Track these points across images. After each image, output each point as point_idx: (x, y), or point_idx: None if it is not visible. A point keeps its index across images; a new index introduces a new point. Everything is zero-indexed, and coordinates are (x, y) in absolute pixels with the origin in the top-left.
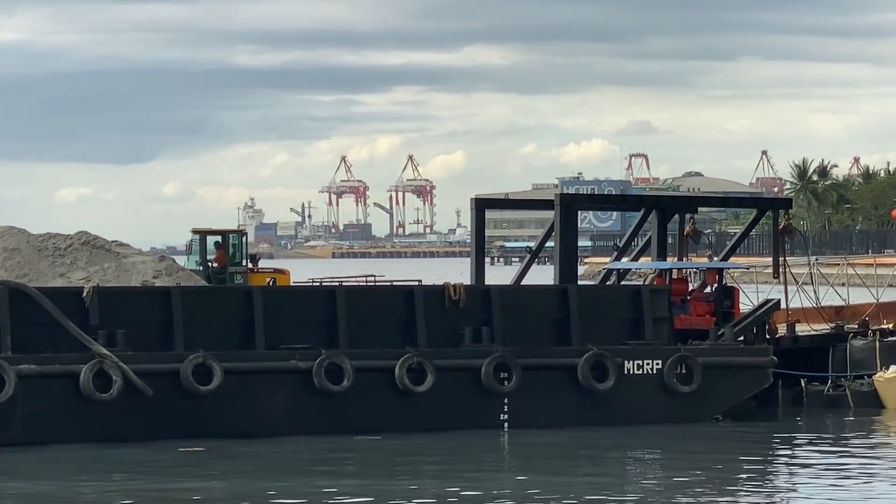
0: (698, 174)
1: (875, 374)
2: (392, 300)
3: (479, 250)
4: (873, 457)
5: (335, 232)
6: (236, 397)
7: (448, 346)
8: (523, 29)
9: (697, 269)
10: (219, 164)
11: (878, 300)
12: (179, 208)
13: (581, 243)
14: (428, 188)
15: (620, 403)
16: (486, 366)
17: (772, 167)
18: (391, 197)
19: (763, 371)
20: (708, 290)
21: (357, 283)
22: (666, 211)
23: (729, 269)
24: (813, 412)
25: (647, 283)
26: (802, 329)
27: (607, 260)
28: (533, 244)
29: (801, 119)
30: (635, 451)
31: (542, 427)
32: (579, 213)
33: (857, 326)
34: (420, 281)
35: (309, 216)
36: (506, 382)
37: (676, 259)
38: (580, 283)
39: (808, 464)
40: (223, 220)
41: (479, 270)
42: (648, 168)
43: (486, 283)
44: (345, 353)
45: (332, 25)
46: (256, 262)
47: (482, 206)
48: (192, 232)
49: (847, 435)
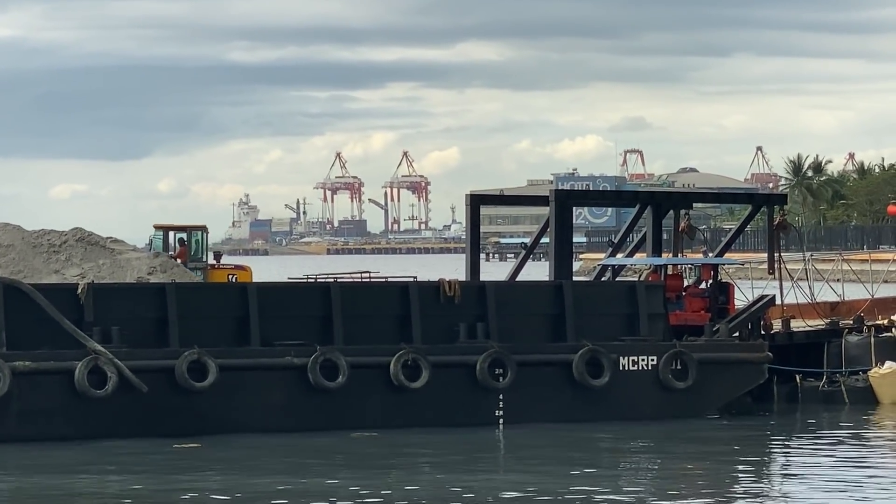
0: (693, 170)
1: (870, 369)
2: (387, 296)
3: (474, 246)
4: (868, 452)
5: (330, 228)
6: (231, 394)
7: (443, 343)
8: (517, 25)
9: (692, 265)
10: (213, 161)
11: (873, 296)
12: (174, 205)
13: (576, 239)
14: (423, 184)
15: (615, 399)
16: (481, 362)
17: (766, 163)
18: (386, 193)
19: (758, 367)
20: (703, 286)
21: (352, 280)
22: (661, 207)
23: (724, 264)
24: (808, 408)
25: (642, 279)
26: (797, 325)
27: (602, 256)
28: (528, 240)
29: (795, 115)
30: (630, 447)
31: (537, 423)
32: (574, 209)
33: (852, 322)
34: (415, 277)
35: (304, 212)
36: (501, 378)
37: (671, 255)
38: (575, 279)
39: (804, 460)
40: (218, 216)
41: (474, 266)
42: (643, 164)
43: (481, 279)
44: (340, 350)
45: (327, 21)
46: (218, 258)
47: (477, 202)
48: (154, 228)
49: (842, 431)
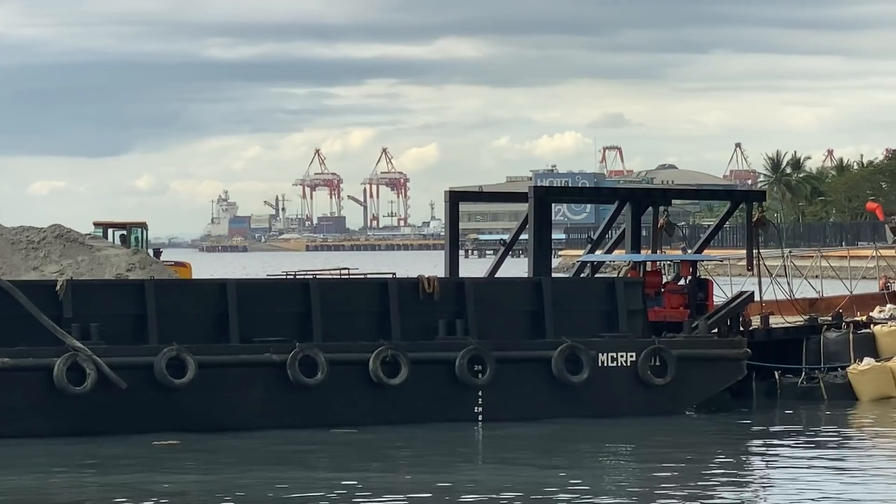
0: (672, 167)
1: (849, 366)
2: (366, 293)
3: (453, 243)
4: (847, 449)
5: (309, 225)
6: (210, 390)
7: (422, 339)
8: (496, 21)
9: (671, 261)
10: (192, 157)
11: (851, 292)
12: (153, 201)
13: (555, 236)
14: (402, 181)
15: (594, 396)
16: (460, 358)
17: (745, 160)
18: (365, 190)
19: (737, 363)
20: (682, 282)
21: (331, 276)
22: (640, 203)
23: (703, 261)
24: (787, 404)
25: (621, 275)
26: (776, 321)
27: (581, 252)
28: (507, 237)
29: (774, 111)
30: (609, 444)
31: (516, 420)
32: (553, 205)
33: (830, 319)
34: (394, 274)
35: (282, 209)
36: (480, 375)
37: (650, 251)
38: (554, 275)
39: (782, 456)
40: (198, 213)
41: (453, 263)
42: (622, 161)
43: (460, 275)
44: (319, 346)
45: (305, 18)
46: (158, 255)
47: (456, 198)
48: (93, 225)
49: (821, 427)
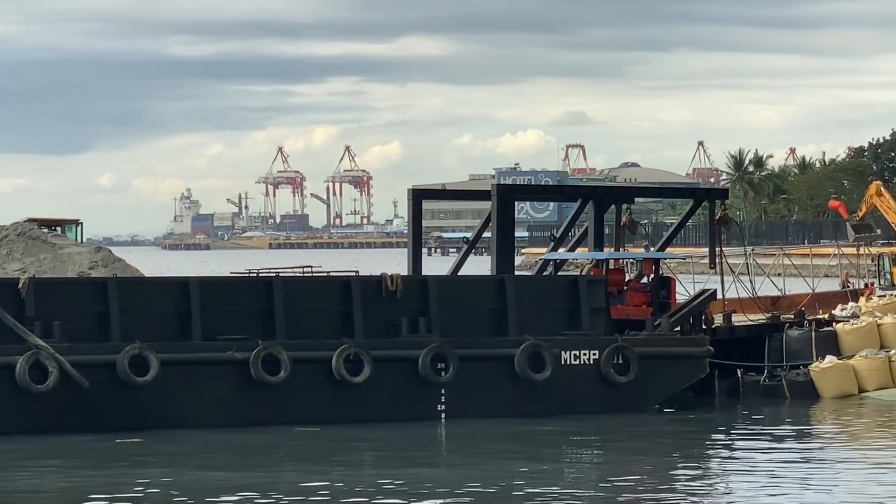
0: (635, 165)
1: (811, 364)
2: (329, 291)
3: (417, 241)
4: (809, 447)
5: (272, 223)
6: (173, 388)
7: (385, 337)
8: (459, 19)
9: (634, 259)
10: (154, 155)
11: (813, 290)
12: (116, 199)
13: (518, 234)
14: (365, 179)
15: (557, 394)
16: (424, 356)
17: (708, 158)
18: (328, 188)
19: (700, 361)
20: (644, 280)
21: (294, 274)
22: (602, 201)
23: (665, 259)
24: (749, 402)
25: (583, 273)
26: (739, 319)
27: (544, 250)
28: (470, 235)
29: (736, 110)
30: (572, 442)
31: (479, 417)
32: (516, 203)
33: (793, 317)
34: (357, 272)
35: (246, 207)
36: (443, 373)
37: (613, 249)
38: (517, 273)
39: (744, 454)
40: (160, 211)
41: (417, 261)
42: (585, 159)
43: (424, 273)
44: (282, 344)
45: (268, 16)
46: None
47: (419, 196)
48: (27, 221)
49: (783, 425)
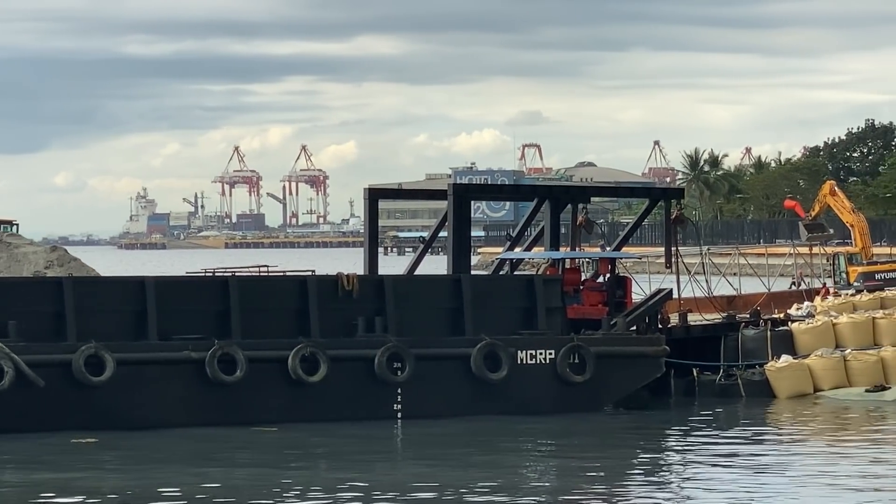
0: (591, 164)
1: (766, 363)
2: (285, 290)
3: (373, 240)
4: (763, 446)
5: (228, 222)
6: (129, 388)
7: (341, 337)
8: (414, 19)
9: (590, 258)
10: (110, 154)
11: (769, 290)
12: (72, 198)
13: (474, 233)
14: (321, 178)
15: (514, 393)
16: (380, 356)
17: (664, 157)
18: (284, 187)
19: (655, 360)
20: (600, 279)
21: (250, 274)
22: (559, 201)
23: (621, 258)
24: (705, 402)
25: (540, 272)
26: (694, 319)
27: (500, 250)
28: (426, 234)
29: (691, 109)
30: (528, 441)
31: (435, 417)
32: (472, 203)
33: (748, 316)
34: (313, 271)
35: (202, 206)
36: (399, 372)
37: (569, 249)
38: (473, 273)
39: (700, 453)
40: (116, 210)
41: (373, 260)
42: (541, 158)
43: (380, 273)
44: (238, 344)
45: (224, 15)
46: None
47: (375, 196)
48: None
49: (738, 425)
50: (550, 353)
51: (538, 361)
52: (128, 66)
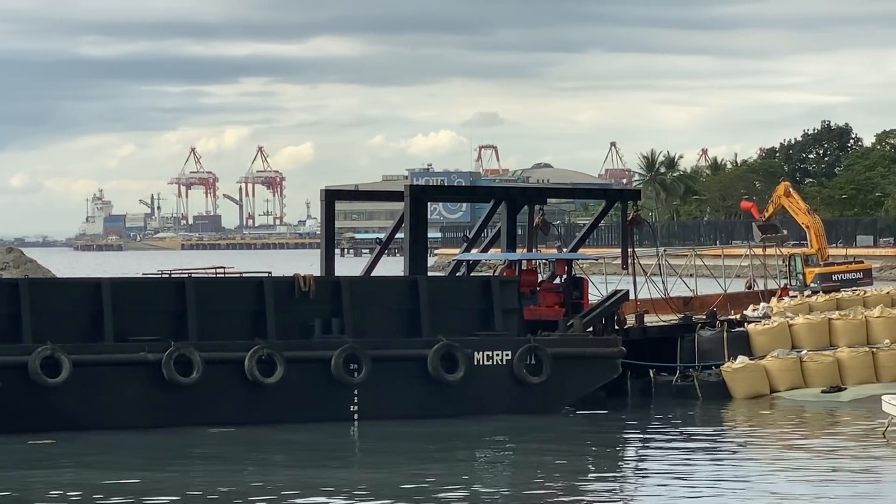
0: (547, 166)
1: (723, 364)
2: (242, 292)
3: (329, 242)
4: (720, 447)
5: (185, 223)
6: (85, 389)
7: (298, 338)
8: (371, 20)
9: (547, 260)
10: (66, 156)
11: (725, 291)
12: (27, 200)
13: (431, 234)
14: (277, 179)
15: (470, 394)
16: (336, 357)
17: (620, 158)
18: (241, 188)
19: (612, 361)
20: (557, 281)
21: (206, 275)
22: (515, 202)
23: (578, 260)
24: (662, 402)
25: (496, 274)
26: (651, 320)
27: (457, 251)
28: (383, 236)
29: (648, 110)
30: (485, 442)
31: (392, 418)
32: (429, 204)
33: (705, 317)
34: (270, 272)
35: (158, 207)
36: (356, 374)
37: (526, 250)
38: (430, 274)
39: (656, 454)
40: (72, 211)
41: (329, 262)
42: (498, 159)
43: (336, 274)
44: (194, 345)
45: (179, 16)
46: None
47: (332, 197)
48: None
49: (695, 425)
50: (507, 355)
51: (495, 362)
52: (83, 68)
